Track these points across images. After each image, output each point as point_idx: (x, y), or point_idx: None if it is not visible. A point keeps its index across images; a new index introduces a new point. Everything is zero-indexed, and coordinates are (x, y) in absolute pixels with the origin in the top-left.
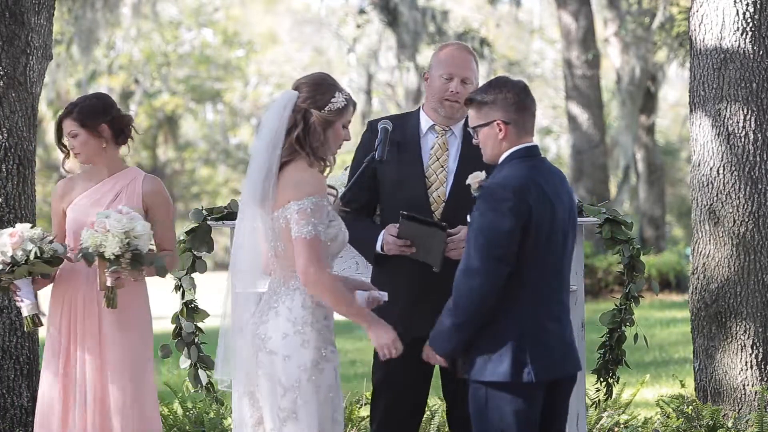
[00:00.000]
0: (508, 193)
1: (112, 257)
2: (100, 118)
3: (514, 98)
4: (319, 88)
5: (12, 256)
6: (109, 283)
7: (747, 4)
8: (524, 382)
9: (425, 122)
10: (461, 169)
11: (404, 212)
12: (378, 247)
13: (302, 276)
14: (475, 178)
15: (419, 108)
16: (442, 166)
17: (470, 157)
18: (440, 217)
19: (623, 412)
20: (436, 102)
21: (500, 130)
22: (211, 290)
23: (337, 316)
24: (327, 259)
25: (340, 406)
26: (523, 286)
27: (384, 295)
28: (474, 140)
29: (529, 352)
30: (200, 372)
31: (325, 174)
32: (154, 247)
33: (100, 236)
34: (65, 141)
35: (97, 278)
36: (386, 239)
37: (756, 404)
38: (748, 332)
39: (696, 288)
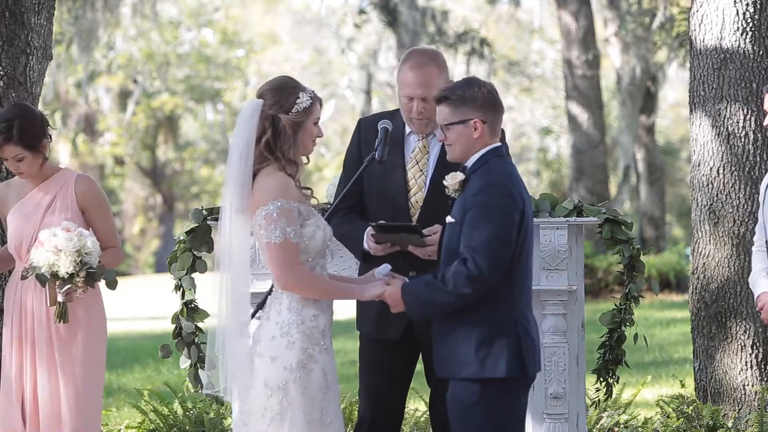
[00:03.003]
0: (508, 188)
1: (66, 276)
2: (41, 136)
3: (491, 98)
4: (283, 92)
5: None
6: (60, 299)
7: (747, 4)
8: (521, 376)
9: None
10: (437, 175)
11: (373, 223)
12: (365, 245)
13: (278, 282)
14: (453, 179)
15: None
16: (422, 170)
17: (448, 161)
18: (417, 220)
19: (623, 412)
20: (407, 119)
21: (476, 129)
22: (211, 290)
23: (337, 315)
24: (302, 258)
25: (332, 407)
26: (513, 279)
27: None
28: (439, 137)
29: (523, 345)
30: (200, 372)
31: (297, 176)
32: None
33: (52, 256)
34: (7, 163)
35: (46, 294)
36: (370, 245)
37: (756, 404)
38: (748, 332)
39: (696, 288)
